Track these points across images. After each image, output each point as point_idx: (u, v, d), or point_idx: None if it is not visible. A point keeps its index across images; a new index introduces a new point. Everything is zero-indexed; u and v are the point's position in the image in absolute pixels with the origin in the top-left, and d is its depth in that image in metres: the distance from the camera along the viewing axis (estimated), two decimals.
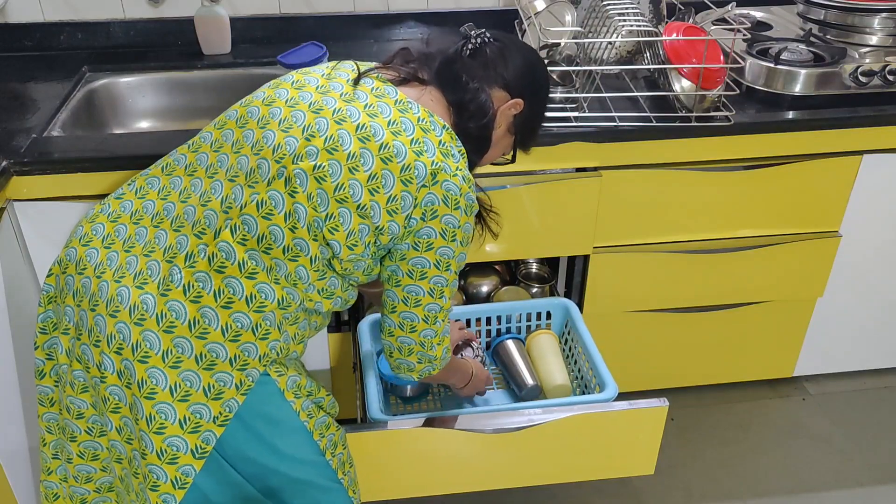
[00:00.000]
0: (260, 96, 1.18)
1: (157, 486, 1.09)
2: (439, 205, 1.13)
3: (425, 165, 1.11)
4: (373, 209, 1.10)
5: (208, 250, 1.09)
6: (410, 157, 1.10)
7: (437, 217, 1.13)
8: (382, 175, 1.09)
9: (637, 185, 1.74)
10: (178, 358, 1.07)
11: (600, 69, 1.69)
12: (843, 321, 2.06)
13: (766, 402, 2.16)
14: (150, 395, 1.07)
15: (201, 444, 1.09)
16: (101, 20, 2.02)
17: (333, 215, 1.09)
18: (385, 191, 1.10)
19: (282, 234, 1.09)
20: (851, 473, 1.96)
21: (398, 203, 1.11)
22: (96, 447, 1.19)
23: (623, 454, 1.49)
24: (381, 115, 1.12)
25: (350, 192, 1.08)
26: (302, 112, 1.12)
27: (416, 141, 1.11)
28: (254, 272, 1.10)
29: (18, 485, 1.58)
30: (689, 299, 1.94)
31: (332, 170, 1.08)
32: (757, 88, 1.79)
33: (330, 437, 1.24)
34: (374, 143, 1.09)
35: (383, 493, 1.47)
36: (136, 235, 1.13)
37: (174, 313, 1.08)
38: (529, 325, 1.75)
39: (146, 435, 1.08)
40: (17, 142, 1.58)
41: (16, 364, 1.57)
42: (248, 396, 1.10)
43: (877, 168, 1.81)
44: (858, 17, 1.90)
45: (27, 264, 1.65)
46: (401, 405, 1.64)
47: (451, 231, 1.15)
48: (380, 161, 1.09)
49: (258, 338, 1.11)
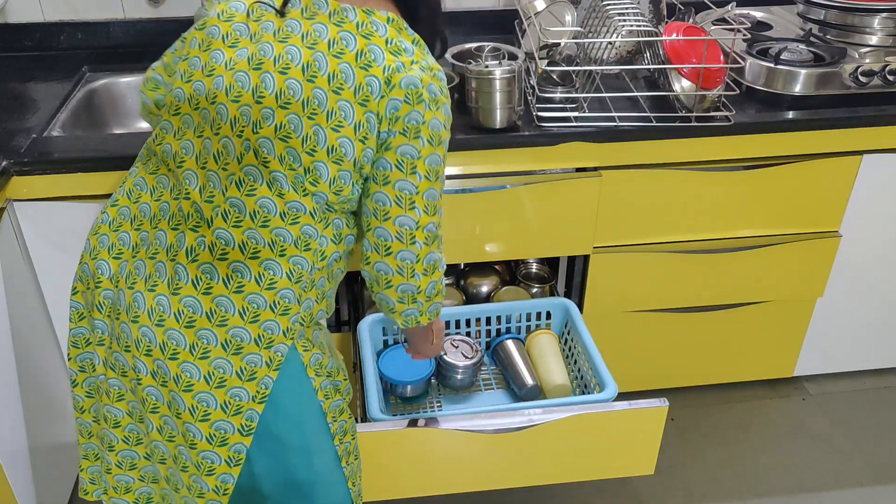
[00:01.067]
0: (198, 65, 1.11)
1: (212, 470, 1.12)
2: (401, 106, 1.06)
3: (377, 77, 1.06)
4: (343, 147, 1.06)
5: (206, 241, 1.09)
6: (359, 76, 1.05)
7: (400, 119, 1.07)
8: (340, 107, 1.05)
9: (637, 185, 1.74)
10: (206, 349, 1.09)
11: (600, 69, 1.69)
12: (843, 321, 2.06)
13: (766, 402, 2.16)
14: (188, 388, 1.09)
15: (246, 422, 1.11)
16: (101, 20, 2.02)
17: (310, 169, 1.07)
18: (349, 122, 1.06)
19: (273, 204, 1.08)
20: (851, 473, 1.96)
21: (365, 129, 1.07)
22: (134, 456, 1.22)
23: (623, 454, 1.49)
24: (320, 41, 1.07)
25: (317, 140, 1.05)
26: (244, 73, 1.07)
27: (361, 54, 1.06)
28: (256, 251, 1.09)
29: (18, 485, 1.58)
30: (689, 299, 1.94)
31: (293, 125, 1.05)
32: (757, 88, 1.79)
33: (342, 424, 1.24)
34: (322, 79, 1.05)
35: (383, 493, 1.47)
36: (140, 241, 1.15)
37: (190, 308, 1.09)
38: (529, 325, 1.75)
39: (192, 425, 1.10)
40: (17, 142, 1.58)
41: (16, 364, 1.57)
42: (280, 371, 1.12)
43: (877, 168, 1.81)
44: (858, 17, 1.90)
45: (27, 264, 1.65)
46: (401, 405, 1.64)
47: (413, 128, 1.08)
48: (333, 94, 1.05)
49: (278, 314, 1.10)
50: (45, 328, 1.74)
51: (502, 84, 1.56)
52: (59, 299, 1.72)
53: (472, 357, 1.62)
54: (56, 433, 1.79)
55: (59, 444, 1.81)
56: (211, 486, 1.13)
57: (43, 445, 1.69)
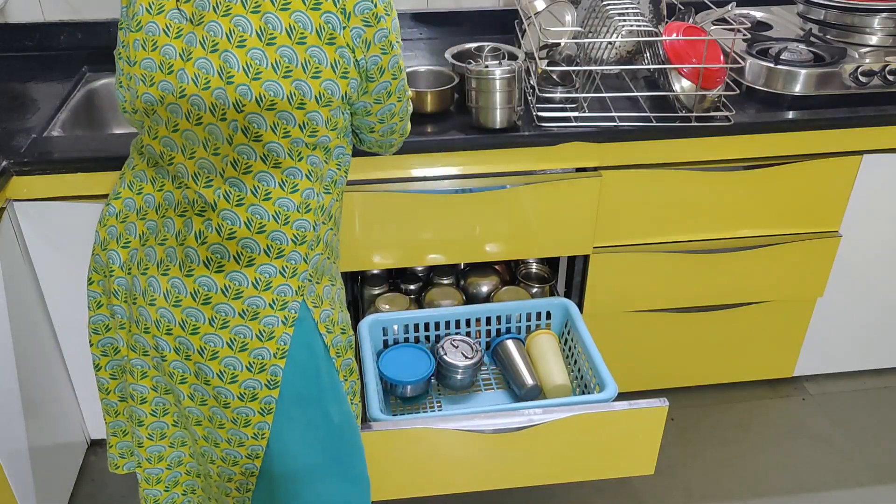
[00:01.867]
0: (153, 66, 1.10)
1: (248, 421, 1.18)
2: (365, 30, 1.08)
3: (332, 12, 1.05)
4: (330, 90, 1.09)
5: (213, 223, 1.12)
6: (315, 19, 1.05)
7: (371, 42, 1.09)
8: (310, 54, 1.06)
9: (637, 185, 1.74)
10: (225, 320, 1.14)
11: (600, 69, 1.69)
12: (843, 321, 2.06)
13: (766, 402, 2.16)
14: (214, 357, 1.15)
15: (272, 377, 1.16)
16: (101, 20, 2.02)
17: (306, 123, 1.09)
18: (325, 64, 1.07)
19: (271, 176, 1.11)
20: (851, 473, 1.96)
21: (343, 64, 1.08)
22: (163, 426, 1.29)
23: (623, 454, 1.49)
24: (263, 1, 1.05)
25: (302, 94, 1.06)
26: (204, 59, 1.07)
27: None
28: (262, 226, 1.12)
29: (18, 485, 1.58)
30: (689, 299, 1.94)
31: (272, 91, 1.05)
32: (757, 88, 1.79)
33: (352, 384, 1.29)
34: (282, 36, 1.05)
35: (383, 493, 1.47)
36: (147, 230, 1.18)
37: (205, 287, 1.13)
38: (529, 325, 1.75)
39: (223, 388, 1.16)
40: (17, 142, 1.58)
41: (16, 364, 1.57)
42: (295, 328, 1.16)
43: (877, 168, 1.81)
44: (858, 17, 1.90)
45: (27, 264, 1.65)
46: (401, 405, 1.64)
47: (387, 43, 1.12)
48: (297, 45, 1.05)
49: (288, 277, 1.15)
50: (46, 328, 1.74)
51: (502, 84, 1.56)
52: (59, 299, 1.72)
53: (472, 357, 1.62)
54: (56, 433, 1.79)
55: (59, 444, 1.81)
56: (249, 435, 1.20)
57: (43, 445, 1.69)
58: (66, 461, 1.85)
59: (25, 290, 1.64)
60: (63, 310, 1.74)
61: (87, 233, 1.63)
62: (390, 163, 1.64)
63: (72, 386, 1.85)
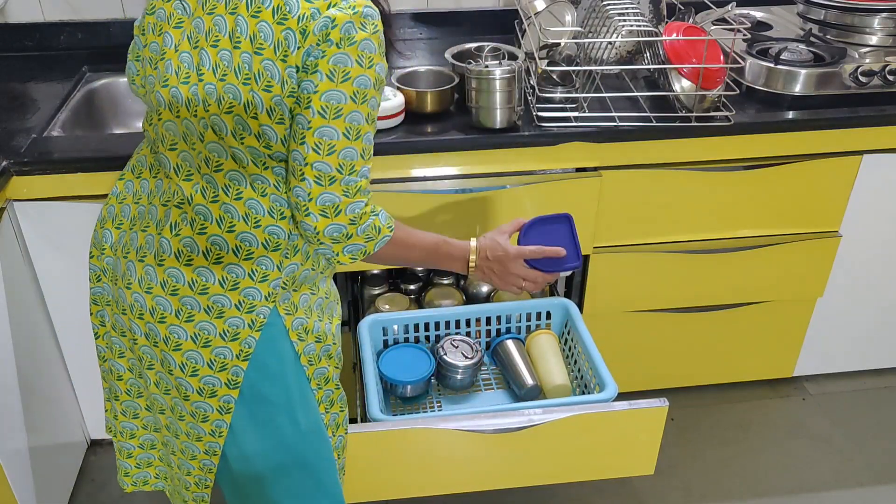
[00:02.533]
0: (156, 51, 1.12)
1: (206, 417, 1.20)
2: (313, 49, 1.03)
3: (292, 30, 1.03)
4: (280, 107, 1.05)
5: (188, 217, 1.14)
6: (277, 32, 1.03)
7: (317, 71, 1.03)
8: (264, 66, 1.04)
9: (637, 185, 1.74)
10: (190, 314, 1.15)
11: (600, 69, 1.69)
12: (843, 321, 2.06)
13: (766, 402, 2.16)
14: (177, 348, 1.16)
15: (232, 377, 1.17)
16: (101, 20, 2.02)
17: (260, 135, 1.06)
18: (276, 80, 1.04)
19: (241, 176, 1.11)
20: (851, 473, 1.96)
21: (290, 84, 1.04)
22: (136, 407, 1.33)
23: (623, 454, 1.49)
24: (240, 3, 1.04)
25: (255, 105, 1.04)
26: (187, 53, 1.08)
27: (277, 9, 1.03)
28: (232, 225, 1.12)
29: (18, 485, 1.58)
30: (689, 299, 1.94)
31: (232, 94, 1.04)
32: (757, 88, 1.79)
33: (328, 392, 1.29)
34: (245, 42, 1.04)
35: (383, 493, 1.47)
36: (138, 215, 1.20)
37: (174, 279, 1.15)
38: (529, 325, 1.74)
39: (183, 380, 1.18)
40: (17, 142, 1.58)
41: (16, 364, 1.57)
42: (262, 332, 1.17)
43: (877, 168, 1.81)
44: (858, 17, 1.90)
45: (27, 264, 1.65)
46: (401, 405, 1.64)
47: (340, 71, 1.03)
48: (255, 55, 1.04)
49: (257, 281, 1.15)
50: (45, 328, 1.74)
51: (502, 84, 1.56)
52: (59, 299, 1.72)
53: (472, 357, 1.62)
54: (56, 433, 1.79)
55: (59, 444, 1.81)
56: (207, 431, 1.21)
57: (43, 445, 1.69)
58: (66, 461, 1.85)
59: (25, 290, 1.64)
60: (63, 310, 1.74)
61: (87, 233, 1.63)
62: (390, 163, 1.64)
63: (72, 386, 1.85)
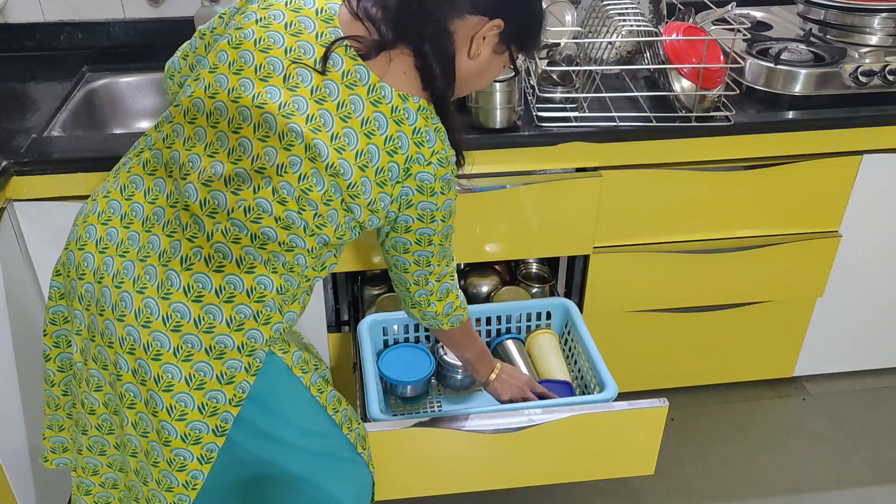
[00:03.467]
0: (224, 84, 1.08)
1: (184, 466, 1.15)
2: (413, 195, 1.14)
3: (398, 165, 1.11)
4: (353, 210, 1.12)
5: (203, 252, 1.10)
6: (384, 159, 1.10)
7: (413, 206, 1.15)
8: (361, 182, 1.09)
9: (637, 185, 1.74)
10: (189, 352, 1.11)
11: (600, 69, 1.69)
12: (843, 321, 2.06)
13: (766, 402, 2.16)
14: (168, 388, 1.11)
15: (221, 423, 1.14)
16: (101, 20, 2.02)
17: (322, 214, 1.10)
18: (365, 196, 1.11)
19: (274, 233, 1.10)
20: (851, 473, 1.96)
21: (378, 204, 1.12)
22: (104, 444, 1.25)
23: (623, 454, 1.49)
24: (354, 116, 1.08)
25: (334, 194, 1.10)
26: (272, 115, 1.06)
27: (389, 139, 1.10)
28: (252, 266, 1.11)
29: (18, 485, 1.58)
30: (689, 299, 1.94)
31: (314, 179, 1.07)
32: (757, 88, 1.79)
33: (344, 412, 1.29)
34: (349, 153, 1.08)
35: (383, 493, 1.47)
36: (128, 240, 1.13)
37: (178, 314, 1.10)
38: (529, 325, 1.75)
39: (168, 423, 1.12)
40: (17, 142, 1.58)
41: (16, 364, 1.57)
42: (258, 377, 1.15)
43: (877, 168, 1.81)
44: (858, 17, 1.90)
45: (27, 264, 1.65)
46: (401, 405, 1.64)
47: (428, 215, 1.17)
48: (358, 169, 1.09)
49: (261, 324, 1.14)
50: None
51: (502, 84, 1.56)
52: None
53: None
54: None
55: None
56: (181, 482, 1.16)
57: None
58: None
59: (25, 290, 1.64)
60: None
61: None
62: None
63: None
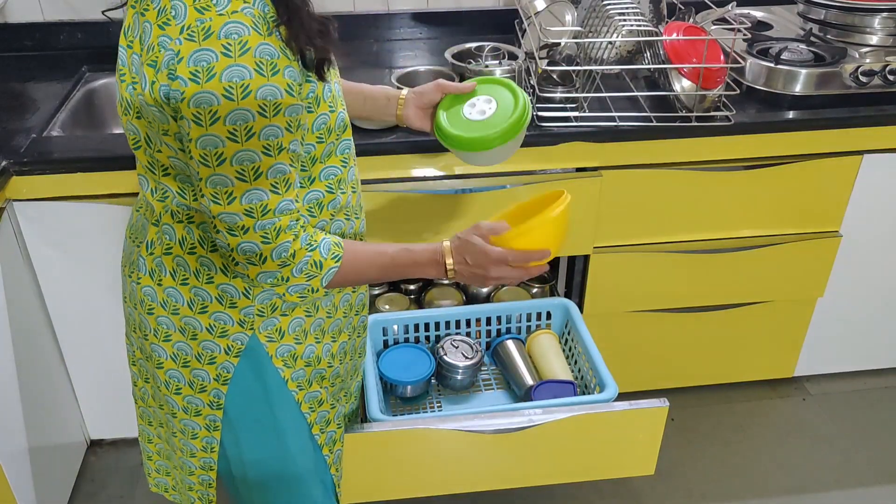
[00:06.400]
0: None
1: (196, 434, 1.22)
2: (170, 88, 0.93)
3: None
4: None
5: (159, 235, 1.11)
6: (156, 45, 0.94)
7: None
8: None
9: (637, 185, 1.74)
10: (167, 333, 1.15)
11: (600, 69, 1.69)
12: (843, 321, 2.06)
13: (766, 402, 2.16)
14: (160, 366, 1.18)
15: (213, 399, 1.18)
16: (101, 20, 2.02)
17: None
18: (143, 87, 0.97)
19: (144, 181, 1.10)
20: (852, 473, 1.96)
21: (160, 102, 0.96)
22: (149, 414, 1.33)
23: (623, 454, 1.49)
24: None
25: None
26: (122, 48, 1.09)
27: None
28: (193, 247, 1.09)
29: (18, 485, 1.58)
30: (689, 299, 1.94)
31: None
32: (757, 88, 1.79)
33: (322, 414, 1.27)
34: (137, 45, 1.00)
35: (383, 493, 1.47)
36: (136, 223, 1.19)
37: (149, 297, 1.14)
38: (529, 325, 1.74)
39: (170, 397, 1.20)
40: (17, 142, 1.58)
41: (16, 364, 1.57)
42: (241, 359, 1.15)
43: (877, 168, 1.81)
44: (859, 17, 1.90)
45: (27, 264, 1.65)
46: (401, 405, 1.64)
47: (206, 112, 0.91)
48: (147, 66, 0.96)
49: (226, 307, 1.12)
50: (45, 328, 1.74)
51: None
52: (59, 299, 1.72)
53: (472, 357, 1.62)
54: (56, 433, 1.79)
55: (58, 444, 1.81)
56: (199, 447, 1.23)
57: (43, 445, 1.69)
58: (66, 461, 1.85)
59: (25, 290, 1.64)
60: (63, 310, 1.74)
61: (87, 233, 1.64)
62: (390, 163, 1.63)
63: (71, 386, 1.85)
